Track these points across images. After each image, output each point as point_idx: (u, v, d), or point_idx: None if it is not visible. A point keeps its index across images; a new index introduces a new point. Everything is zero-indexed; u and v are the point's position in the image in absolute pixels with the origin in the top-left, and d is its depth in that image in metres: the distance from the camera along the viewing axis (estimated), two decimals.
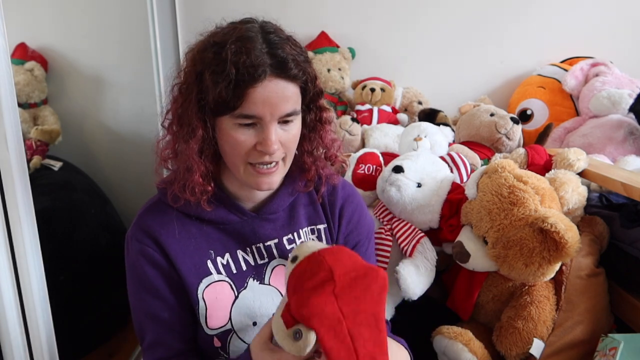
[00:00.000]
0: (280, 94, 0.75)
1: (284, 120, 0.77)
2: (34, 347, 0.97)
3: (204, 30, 0.81)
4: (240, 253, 0.86)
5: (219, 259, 0.85)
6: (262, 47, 0.74)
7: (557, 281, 1.04)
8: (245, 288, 0.85)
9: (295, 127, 0.80)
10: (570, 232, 0.90)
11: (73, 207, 1.63)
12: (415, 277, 1.06)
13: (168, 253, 0.83)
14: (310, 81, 0.80)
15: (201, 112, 0.77)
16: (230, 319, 0.84)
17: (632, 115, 1.45)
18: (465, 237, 1.04)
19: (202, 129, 0.77)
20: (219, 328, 0.84)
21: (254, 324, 0.85)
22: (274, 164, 0.79)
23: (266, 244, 0.86)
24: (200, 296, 0.83)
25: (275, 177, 0.81)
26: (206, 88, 0.75)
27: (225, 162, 0.83)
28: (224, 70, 0.72)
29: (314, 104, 0.85)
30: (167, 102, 0.84)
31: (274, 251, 0.87)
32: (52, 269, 1.04)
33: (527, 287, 1.04)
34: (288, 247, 0.88)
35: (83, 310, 1.55)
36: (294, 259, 0.66)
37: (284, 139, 0.78)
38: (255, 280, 0.86)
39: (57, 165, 1.77)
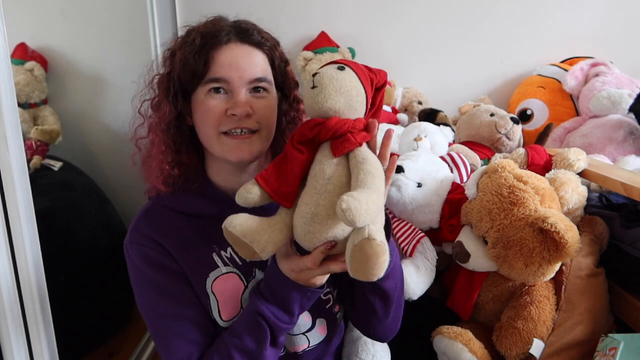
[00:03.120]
0: (247, 58, 0.78)
1: (254, 88, 0.79)
2: (34, 347, 0.97)
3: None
4: None
5: (222, 252, 0.85)
6: (228, 23, 0.80)
7: (557, 281, 1.04)
8: (254, 277, 0.86)
9: (269, 99, 0.81)
10: (570, 232, 0.90)
11: (73, 207, 1.63)
12: (415, 277, 1.06)
13: (170, 252, 0.83)
14: (278, 57, 0.82)
15: (170, 92, 0.80)
16: (241, 307, 0.85)
17: (632, 115, 1.45)
18: (465, 237, 1.04)
19: (168, 106, 0.80)
20: (233, 318, 0.85)
21: None
22: (247, 131, 0.79)
23: None
24: (209, 290, 0.84)
25: (253, 147, 0.80)
26: (177, 64, 0.78)
27: (202, 142, 0.83)
28: (191, 42, 0.77)
29: (289, 92, 0.87)
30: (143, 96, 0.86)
31: None
32: (52, 269, 1.04)
33: (527, 287, 1.04)
34: None
35: (83, 310, 1.55)
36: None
37: (256, 106, 0.79)
38: (261, 271, 0.87)
39: (57, 165, 1.76)
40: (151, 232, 0.83)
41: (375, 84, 0.71)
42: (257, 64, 0.79)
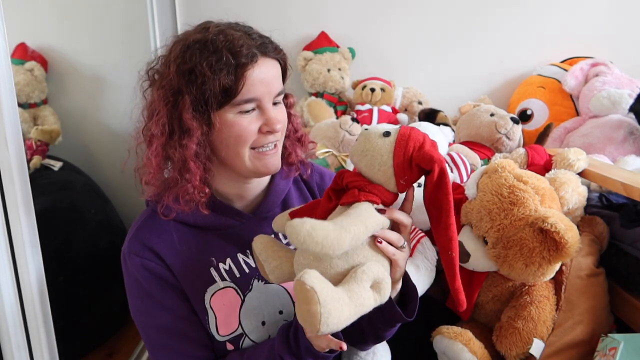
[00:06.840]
0: (273, 72, 0.78)
1: (274, 102, 0.79)
2: (34, 347, 0.97)
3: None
4: (240, 257, 0.86)
5: (221, 265, 0.84)
6: (241, 33, 0.77)
7: (557, 281, 1.04)
8: (250, 290, 0.85)
9: (283, 107, 0.82)
10: (570, 232, 0.90)
11: (73, 207, 1.63)
12: (415, 277, 1.06)
13: (169, 265, 0.82)
14: (286, 62, 0.83)
15: (196, 112, 0.75)
16: (240, 323, 0.84)
17: (632, 115, 1.45)
18: (465, 237, 1.04)
19: (198, 129, 0.75)
20: (231, 334, 0.84)
21: (263, 323, 0.85)
22: (273, 145, 0.80)
23: None
24: (208, 305, 0.83)
25: (277, 158, 0.83)
26: (202, 83, 0.73)
27: (225, 159, 0.80)
28: (221, 58, 0.72)
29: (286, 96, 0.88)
30: (144, 116, 0.81)
31: None
32: (52, 269, 1.05)
33: (527, 287, 1.04)
34: (284, 241, 0.87)
35: (83, 310, 1.55)
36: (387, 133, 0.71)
37: (281, 118, 0.80)
38: (260, 281, 0.86)
39: (57, 165, 1.77)
40: (151, 243, 0.82)
41: (415, 162, 0.69)
42: (278, 76, 0.79)
